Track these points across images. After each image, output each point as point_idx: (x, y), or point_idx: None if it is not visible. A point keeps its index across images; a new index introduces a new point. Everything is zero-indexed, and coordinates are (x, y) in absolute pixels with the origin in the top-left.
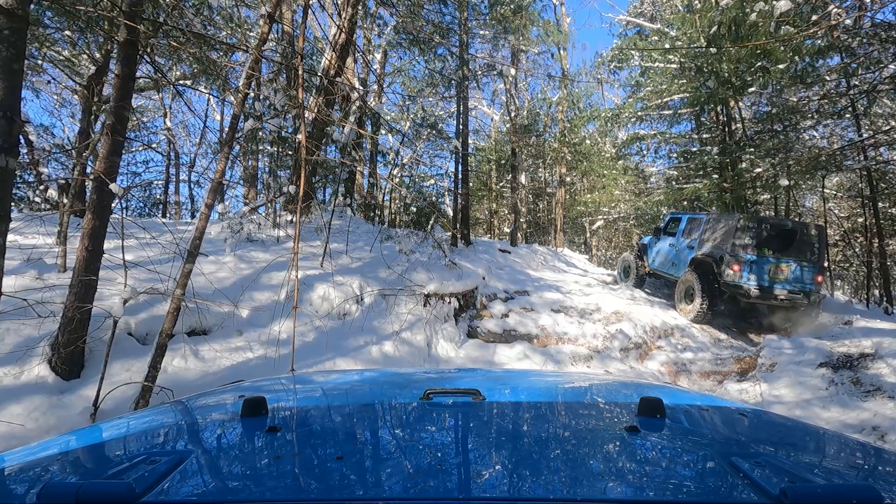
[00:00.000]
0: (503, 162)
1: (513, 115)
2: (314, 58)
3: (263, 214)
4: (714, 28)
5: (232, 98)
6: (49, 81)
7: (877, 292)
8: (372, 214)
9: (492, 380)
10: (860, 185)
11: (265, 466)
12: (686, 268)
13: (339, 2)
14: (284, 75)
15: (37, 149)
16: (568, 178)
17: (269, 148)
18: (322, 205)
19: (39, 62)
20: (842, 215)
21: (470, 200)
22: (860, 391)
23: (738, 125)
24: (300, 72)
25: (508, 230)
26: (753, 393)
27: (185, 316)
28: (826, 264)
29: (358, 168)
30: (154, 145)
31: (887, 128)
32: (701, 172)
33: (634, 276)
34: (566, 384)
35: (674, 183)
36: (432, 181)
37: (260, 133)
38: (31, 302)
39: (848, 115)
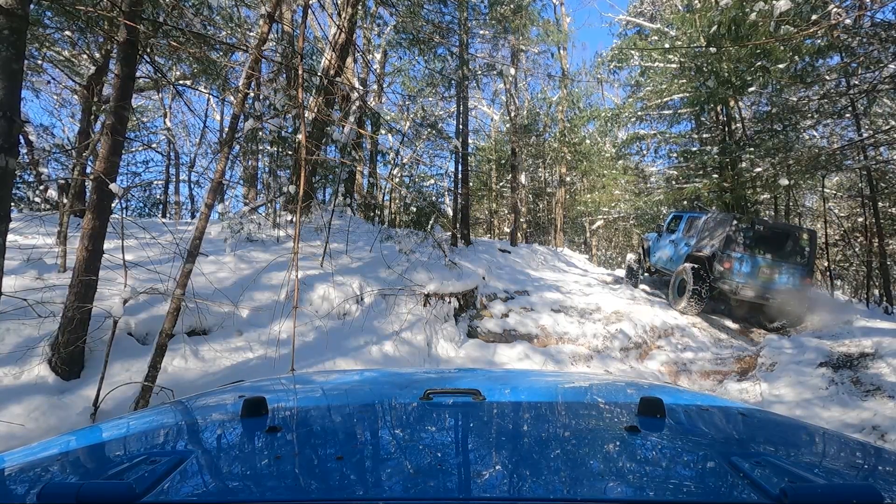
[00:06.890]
0: (503, 162)
1: (513, 114)
2: (314, 58)
3: (263, 214)
4: (714, 28)
5: (232, 98)
6: (49, 81)
7: (877, 292)
8: (372, 214)
9: (492, 380)
10: (860, 185)
11: (265, 467)
12: (683, 263)
13: (339, 2)
14: (284, 75)
15: (37, 149)
16: (568, 178)
17: (269, 148)
18: (322, 205)
19: (39, 62)
20: (842, 215)
21: (470, 200)
22: (860, 391)
23: (738, 125)
24: (300, 72)
25: (508, 230)
26: (754, 392)
27: (185, 316)
28: (815, 268)
29: (358, 168)
30: (154, 145)
31: (887, 128)
32: (701, 172)
33: (636, 273)
34: (566, 384)
35: (674, 183)
36: (432, 181)
37: (260, 133)
38: (31, 302)
39: (848, 115)
